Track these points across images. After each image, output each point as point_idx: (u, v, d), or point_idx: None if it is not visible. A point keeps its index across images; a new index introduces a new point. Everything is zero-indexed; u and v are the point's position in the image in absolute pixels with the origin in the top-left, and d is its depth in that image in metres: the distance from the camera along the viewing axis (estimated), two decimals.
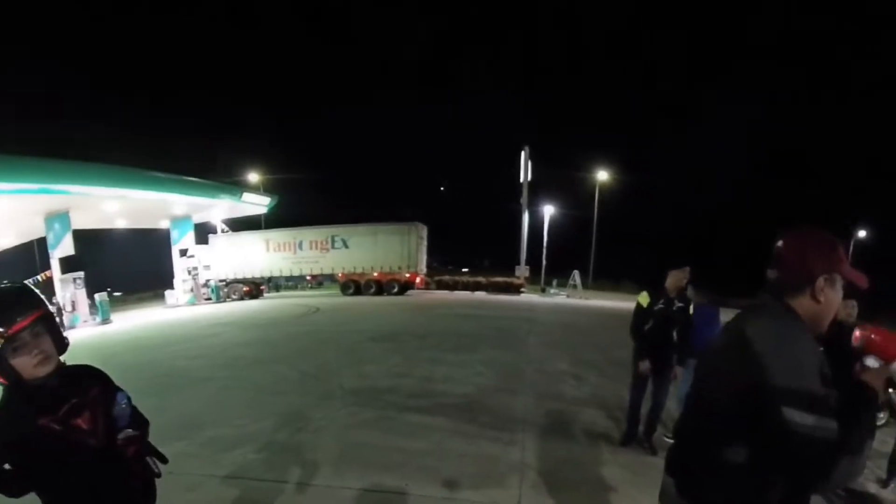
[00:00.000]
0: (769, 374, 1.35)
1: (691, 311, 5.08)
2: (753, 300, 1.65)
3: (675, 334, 5.08)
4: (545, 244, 35.86)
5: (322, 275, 28.80)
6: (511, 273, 31.77)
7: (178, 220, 24.66)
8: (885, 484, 5.21)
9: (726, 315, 3.19)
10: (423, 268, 27.27)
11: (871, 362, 1.53)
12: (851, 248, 41.43)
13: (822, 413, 1.31)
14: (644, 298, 5.03)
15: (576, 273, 32.78)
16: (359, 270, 26.00)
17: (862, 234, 42.49)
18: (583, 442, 5.26)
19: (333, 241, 26.07)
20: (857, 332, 1.65)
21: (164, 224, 25.32)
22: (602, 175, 36.49)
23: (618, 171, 37.38)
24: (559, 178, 38.29)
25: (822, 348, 1.49)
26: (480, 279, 30.28)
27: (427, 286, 29.03)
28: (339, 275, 26.59)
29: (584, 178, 37.51)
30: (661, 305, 4.97)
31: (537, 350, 10.36)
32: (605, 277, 38.03)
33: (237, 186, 28.24)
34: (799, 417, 1.30)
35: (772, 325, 1.48)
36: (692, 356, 4.95)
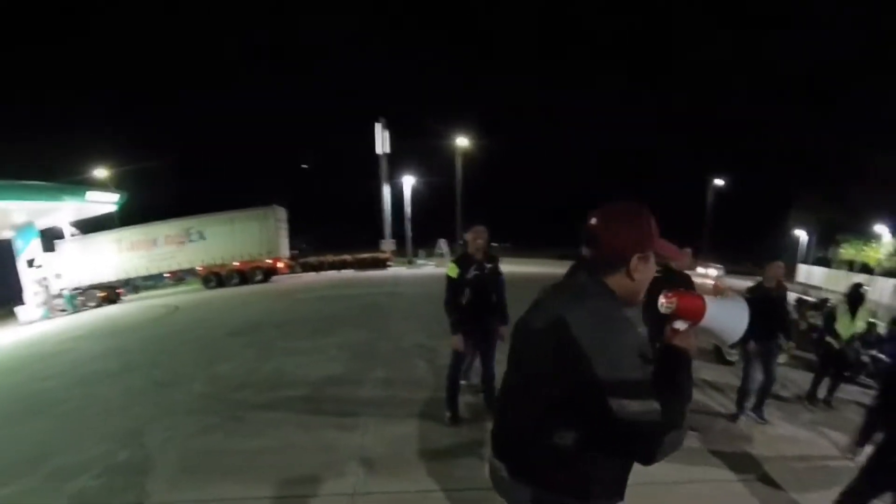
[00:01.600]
0: (593, 368, 1.39)
1: (501, 269, 5.27)
2: (569, 278, 1.71)
3: (493, 297, 5.15)
4: (409, 216, 36.35)
5: (181, 271, 27.84)
6: (378, 248, 32.07)
7: (21, 229, 23.19)
8: (734, 418, 5.96)
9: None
10: (285, 252, 27.07)
11: (680, 325, 1.58)
12: (711, 197, 46.15)
13: (646, 397, 1.39)
14: (453, 270, 5.01)
15: (442, 241, 33.90)
16: (219, 262, 25.41)
17: (719, 182, 46.61)
18: (425, 418, 5.51)
19: (189, 234, 25.27)
20: (662, 299, 1.56)
21: (5, 234, 23.78)
22: (462, 140, 36.89)
23: (479, 137, 38.11)
24: (421, 146, 38.73)
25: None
26: (346, 257, 30.54)
27: (293, 270, 29.19)
28: (199, 268, 25.86)
29: (445, 146, 37.97)
30: (474, 272, 5.00)
31: (397, 325, 10.90)
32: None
33: (81, 185, 26.34)
34: (625, 405, 1.37)
35: (591, 312, 1.50)
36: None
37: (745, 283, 6.66)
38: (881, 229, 28.72)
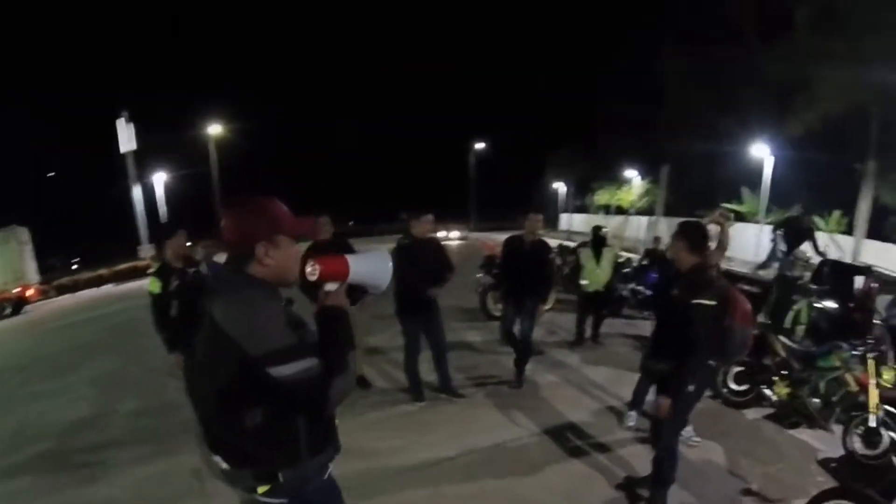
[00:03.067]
0: (247, 349, 1.53)
1: (206, 269, 4.95)
2: (220, 277, 1.92)
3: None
4: (166, 216, 32.28)
5: None
6: (136, 256, 28.79)
7: None
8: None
9: None
10: (34, 277, 23.26)
11: (331, 286, 1.78)
12: (474, 160, 48.16)
13: (300, 357, 1.56)
14: (154, 285, 4.54)
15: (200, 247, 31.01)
16: None
17: (480, 145, 48.63)
18: (173, 453, 4.95)
19: None
20: (307, 268, 1.74)
21: None
22: (215, 128, 32.46)
23: (235, 121, 34.71)
24: (175, 139, 34.60)
25: None
26: (103, 272, 27.17)
27: (46, 295, 25.12)
28: None
29: (199, 137, 33.45)
30: (175, 284, 4.54)
31: (148, 342, 9.58)
32: None
33: None
34: (282, 371, 1.52)
35: (232, 303, 1.63)
36: None
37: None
38: (630, 173, 32.31)
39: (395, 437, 5.06)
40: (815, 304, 6.26)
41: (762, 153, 20.13)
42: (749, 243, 20.87)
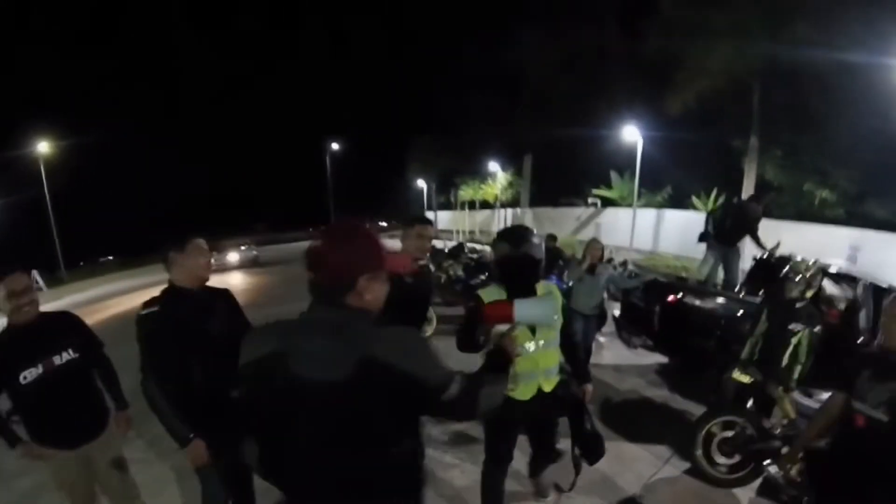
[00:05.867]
0: (425, 384, 1.52)
1: None
2: (314, 314, 1.61)
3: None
4: None
5: None
6: None
7: None
8: None
9: None
10: None
11: (501, 327, 1.95)
12: (329, 161, 44.43)
13: (454, 378, 1.59)
14: None
15: (34, 273, 26.31)
16: None
17: (335, 146, 44.85)
18: None
19: None
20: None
21: None
22: (43, 147, 26.67)
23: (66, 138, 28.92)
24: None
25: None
26: None
27: None
28: None
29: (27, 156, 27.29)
30: None
31: None
32: (88, 260, 33.00)
33: None
34: (451, 394, 1.56)
35: (385, 339, 1.52)
36: None
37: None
38: (494, 167, 31.35)
39: None
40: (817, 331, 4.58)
41: (633, 136, 19.59)
42: (623, 228, 20.64)
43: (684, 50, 15.19)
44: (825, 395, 4.30)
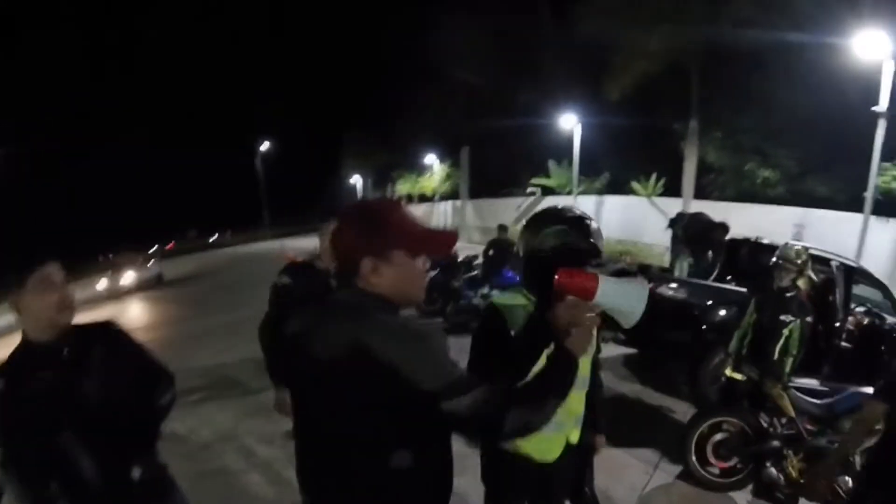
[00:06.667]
0: (419, 383, 1.30)
1: None
2: (334, 296, 1.62)
3: None
4: None
5: None
6: None
7: None
8: None
9: None
10: None
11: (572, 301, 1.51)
12: (260, 162, 42.08)
13: (471, 386, 1.33)
14: None
15: None
16: None
17: (265, 145, 41.84)
18: None
19: None
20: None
21: None
22: None
23: None
24: None
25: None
26: None
27: None
28: None
29: None
30: None
31: None
32: None
33: None
34: (457, 405, 1.30)
35: (382, 328, 1.38)
36: None
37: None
38: (431, 159, 30.74)
39: None
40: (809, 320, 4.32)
41: (570, 123, 19.39)
42: None
43: (621, 33, 14.95)
44: (805, 381, 4.47)
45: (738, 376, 4.17)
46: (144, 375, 2.15)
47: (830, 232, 11.35)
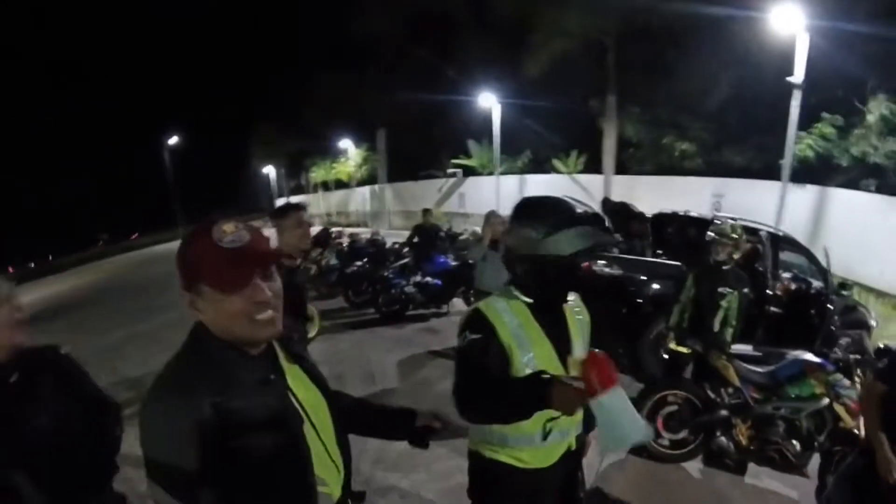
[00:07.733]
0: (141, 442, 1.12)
1: None
2: None
3: None
4: None
5: None
6: None
7: None
8: None
9: None
10: None
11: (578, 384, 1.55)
12: (168, 157, 39.16)
13: (179, 494, 1.08)
14: None
15: None
16: None
17: (173, 140, 37.94)
18: None
19: None
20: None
21: None
22: None
23: None
24: None
25: None
26: None
27: None
28: None
29: None
30: None
31: None
32: None
33: None
34: (160, 497, 1.08)
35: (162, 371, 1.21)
36: None
37: None
38: (346, 144, 29.88)
39: None
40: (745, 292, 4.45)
41: (489, 102, 19.23)
42: (487, 196, 20.41)
43: (538, 11, 14.83)
44: (740, 347, 4.54)
45: (682, 349, 4.22)
46: (94, 405, 2.03)
47: (748, 200, 11.77)
